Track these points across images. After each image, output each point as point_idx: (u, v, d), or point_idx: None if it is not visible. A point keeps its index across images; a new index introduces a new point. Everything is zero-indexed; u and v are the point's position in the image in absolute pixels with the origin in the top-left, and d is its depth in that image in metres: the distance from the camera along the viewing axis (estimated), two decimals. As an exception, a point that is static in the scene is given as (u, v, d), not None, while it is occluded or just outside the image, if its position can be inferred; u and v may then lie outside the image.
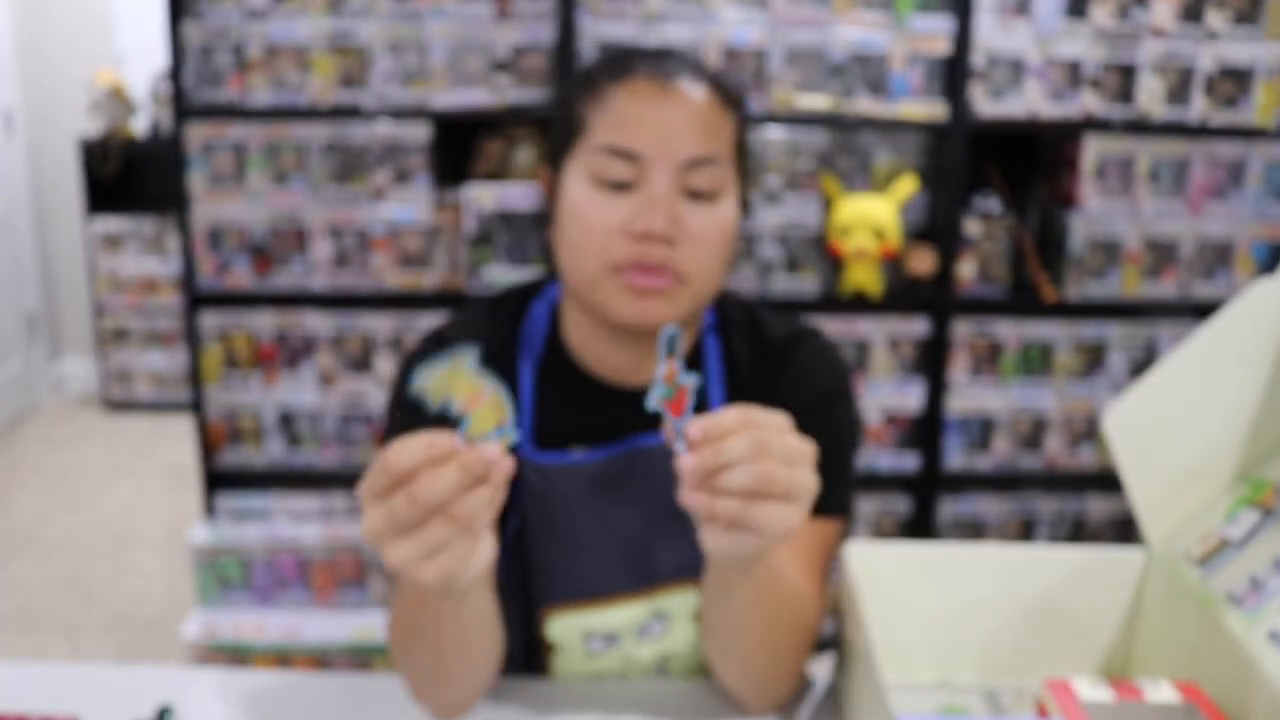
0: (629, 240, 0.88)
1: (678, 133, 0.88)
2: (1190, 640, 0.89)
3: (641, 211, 0.87)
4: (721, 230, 0.91)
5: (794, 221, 2.16)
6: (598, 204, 0.89)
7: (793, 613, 0.89)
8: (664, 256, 0.88)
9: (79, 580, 2.74)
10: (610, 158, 0.88)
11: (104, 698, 0.94)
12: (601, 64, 0.94)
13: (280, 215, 2.14)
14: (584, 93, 0.92)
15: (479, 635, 0.85)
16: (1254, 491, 0.92)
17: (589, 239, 0.89)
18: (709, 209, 0.90)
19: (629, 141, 0.88)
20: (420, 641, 0.86)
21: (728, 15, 2.08)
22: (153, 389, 4.06)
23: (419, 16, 2.07)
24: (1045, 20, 2.09)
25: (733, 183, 0.93)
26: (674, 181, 0.88)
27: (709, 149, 0.89)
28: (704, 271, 0.90)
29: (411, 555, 0.66)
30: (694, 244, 0.89)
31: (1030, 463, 2.28)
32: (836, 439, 0.99)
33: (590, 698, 0.97)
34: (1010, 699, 0.97)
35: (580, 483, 0.97)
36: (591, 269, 0.90)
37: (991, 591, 0.98)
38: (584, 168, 0.90)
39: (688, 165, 0.88)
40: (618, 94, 0.89)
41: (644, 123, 0.88)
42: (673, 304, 0.90)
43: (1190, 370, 0.92)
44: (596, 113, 0.90)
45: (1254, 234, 2.19)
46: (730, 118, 0.92)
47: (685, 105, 0.89)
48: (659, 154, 0.88)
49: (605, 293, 0.90)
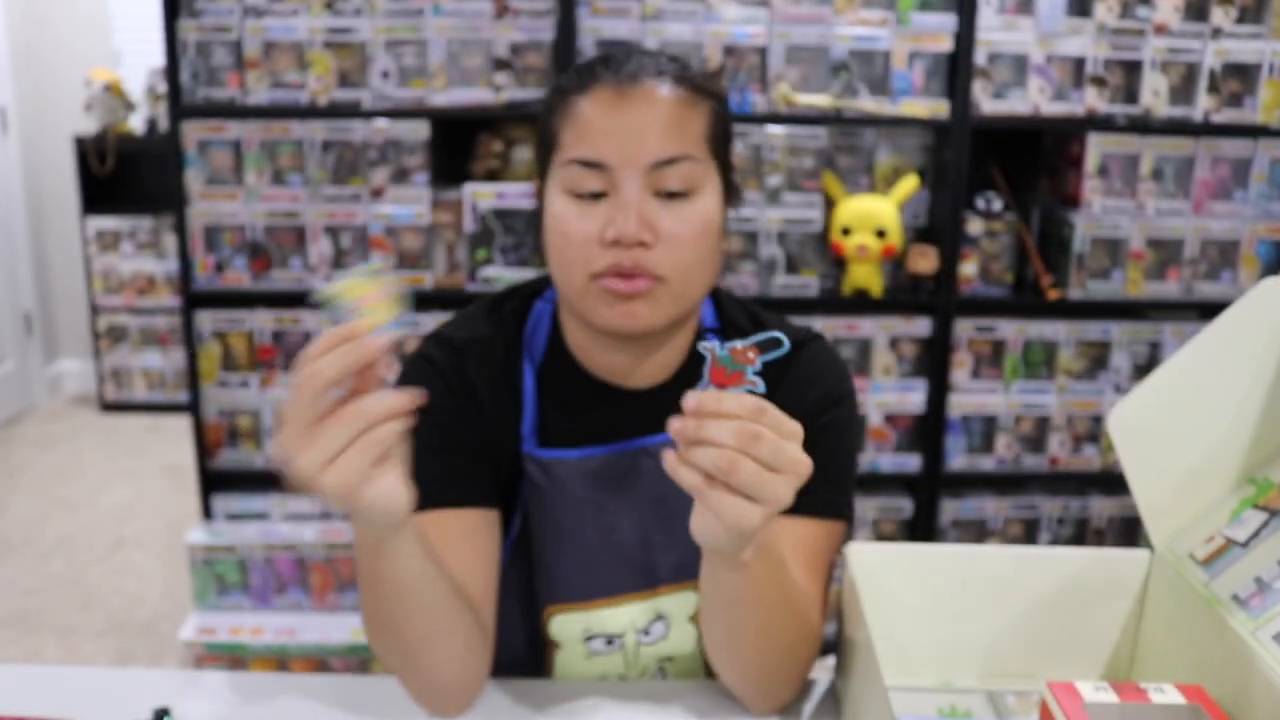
0: (605, 249, 0.89)
1: (640, 137, 0.88)
2: (1195, 642, 0.88)
3: (614, 219, 0.88)
4: (698, 227, 0.91)
5: (795, 220, 2.15)
6: (574, 216, 0.90)
7: (794, 612, 0.89)
8: (639, 260, 0.88)
9: (75, 582, 2.73)
10: (580, 170, 0.89)
11: (100, 700, 0.94)
12: (568, 75, 0.94)
13: (278, 214, 2.13)
14: (555, 106, 0.93)
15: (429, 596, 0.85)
16: (1260, 492, 0.92)
17: (569, 251, 0.90)
18: (683, 207, 0.90)
19: (594, 153, 0.89)
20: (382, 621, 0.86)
21: (728, 13, 2.07)
22: (149, 389, 4.06)
23: (418, 14, 2.06)
24: (1048, 17, 2.08)
25: (711, 176, 0.92)
26: (643, 185, 0.89)
27: (676, 148, 0.89)
28: (682, 271, 0.90)
29: (311, 458, 0.69)
30: (668, 244, 0.89)
31: (1033, 463, 2.27)
32: (838, 443, 0.99)
33: (591, 698, 0.97)
34: (1013, 701, 0.97)
35: (581, 479, 0.97)
36: (575, 279, 0.91)
37: (994, 593, 0.98)
38: (559, 181, 0.91)
39: (655, 167, 0.88)
40: (582, 105, 0.90)
41: (607, 132, 0.88)
42: (654, 305, 0.91)
43: (1195, 370, 0.91)
44: (565, 126, 0.91)
45: (1259, 233, 2.18)
46: (702, 110, 0.92)
47: (647, 108, 0.89)
48: (624, 160, 0.88)
49: (589, 301, 0.91)
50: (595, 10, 2.05)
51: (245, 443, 2.24)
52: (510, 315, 1.02)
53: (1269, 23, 2.11)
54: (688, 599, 1.00)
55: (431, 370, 0.97)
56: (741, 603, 0.84)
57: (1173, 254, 2.20)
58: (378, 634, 0.88)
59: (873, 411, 2.24)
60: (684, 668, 1.04)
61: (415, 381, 0.97)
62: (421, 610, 0.84)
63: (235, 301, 2.21)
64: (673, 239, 0.89)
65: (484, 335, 1.00)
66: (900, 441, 2.27)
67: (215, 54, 2.09)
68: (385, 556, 0.80)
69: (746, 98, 2.09)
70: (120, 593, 2.67)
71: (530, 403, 0.99)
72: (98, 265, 3.92)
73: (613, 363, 0.99)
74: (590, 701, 0.96)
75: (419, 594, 0.83)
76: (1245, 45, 2.11)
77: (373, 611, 0.86)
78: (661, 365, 0.99)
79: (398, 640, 0.87)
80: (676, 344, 0.99)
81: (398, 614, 0.84)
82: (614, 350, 0.97)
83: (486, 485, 0.97)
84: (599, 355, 0.99)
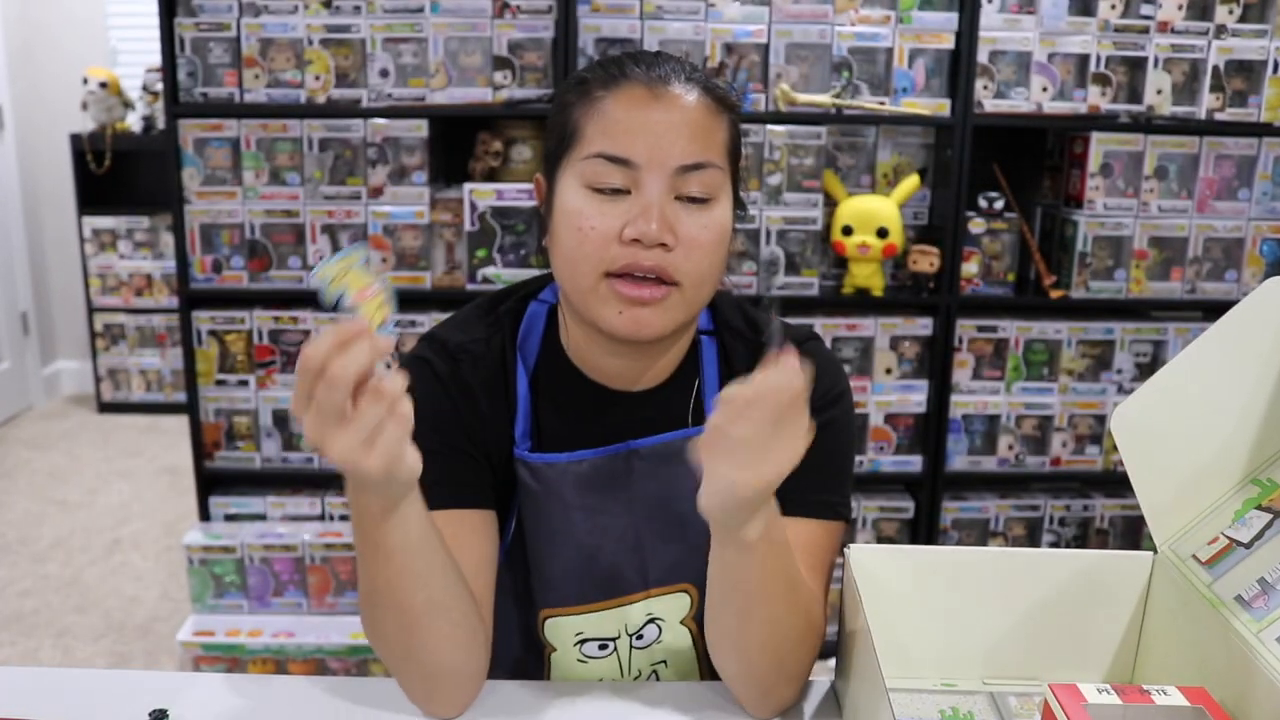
0: (623, 247, 0.88)
1: (671, 139, 0.88)
2: (1198, 644, 0.87)
3: (635, 218, 0.88)
4: (715, 235, 0.91)
5: (796, 220, 2.14)
6: (592, 211, 0.89)
7: (800, 607, 0.89)
8: (658, 262, 0.88)
9: (72, 583, 2.73)
10: (604, 165, 0.89)
11: (97, 702, 0.93)
12: (594, 69, 0.94)
13: (276, 213, 2.13)
14: (577, 99, 0.92)
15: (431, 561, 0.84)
16: (1264, 493, 0.91)
17: (584, 246, 0.89)
18: (703, 213, 0.90)
19: (623, 148, 0.88)
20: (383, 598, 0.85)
21: (730, 11, 2.07)
22: (146, 389, 4.05)
23: (417, 12, 2.05)
24: (1051, 15, 2.08)
25: (727, 186, 0.93)
26: (667, 187, 0.89)
27: (702, 154, 0.89)
28: (697, 276, 0.90)
29: (352, 443, 0.71)
30: (688, 249, 0.89)
31: (1035, 463, 2.27)
32: (834, 444, 0.98)
33: (589, 698, 0.96)
34: (1015, 703, 0.96)
35: (573, 482, 0.97)
36: (586, 276, 0.90)
37: (996, 594, 0.97)
38: (578, 175, 0.90)
39: (681, 171, 0.89)
40: (610, 100, 0.90)
41: (637, 129, 0.88)
42: (666, 313, 0.90)
43: (1198, 370, 0.91)
44: (589, 119, 0.90)
45: (1263, 232, 2.17)
46: (723, 122, 0.92)
47: (678, 111, 0.89)
48: (652, 160, 0.88)
49: (596, 300, 0.90)
50: (595, 8, 2.05)
51: (243, 443, 2.24)
52: (505, 317, 1.01)
53: (1273, 20, 2.11)
54: (680, 600, 1.00)
55: (429, 372, 0.97)
56: (748, 589, 0.84)
57: (1176, 253, 2.19)
58: (377, 615, 0.87)
59: (874, 412, 2.23)
60: (678, 672, 1.03)
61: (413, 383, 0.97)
62: (423, 578, 0.84)
63: (233, 301, 2.20)
64: (692, 244, 0.89)
65: (479, 338, 0.99)
66: (902, 442, 2.26)
67: (213, 52, 2.08)
68: (395, 522, 0.80)
69: (747, 97, 2.08)
70: (117, 594, 2.66)
71: (523, 406, 0.98)
72: (95, 265, 3.91)
73: (611, 366, 0.98)
74: (588, 702, 0.96)
75: (423, 559, 0.83)
76: (1249, 43, 2.10)
77: (372, 590, 0.85)
78: (659, 369, 0.99)
79: (396, 617, 0.86)
80: (675, 348, 0.99)
81: (399, 585, 0.83)
82: (614, 354, 0.97)
83: (484, 487, 0.96)
84: (597, 358, 0.98)
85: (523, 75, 2.08)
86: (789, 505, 0.92)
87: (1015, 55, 2.10)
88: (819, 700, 0.97)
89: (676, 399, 1.00)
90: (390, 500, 0.79)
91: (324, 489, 2.32)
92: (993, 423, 2.25)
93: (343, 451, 0.71)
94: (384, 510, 0.79)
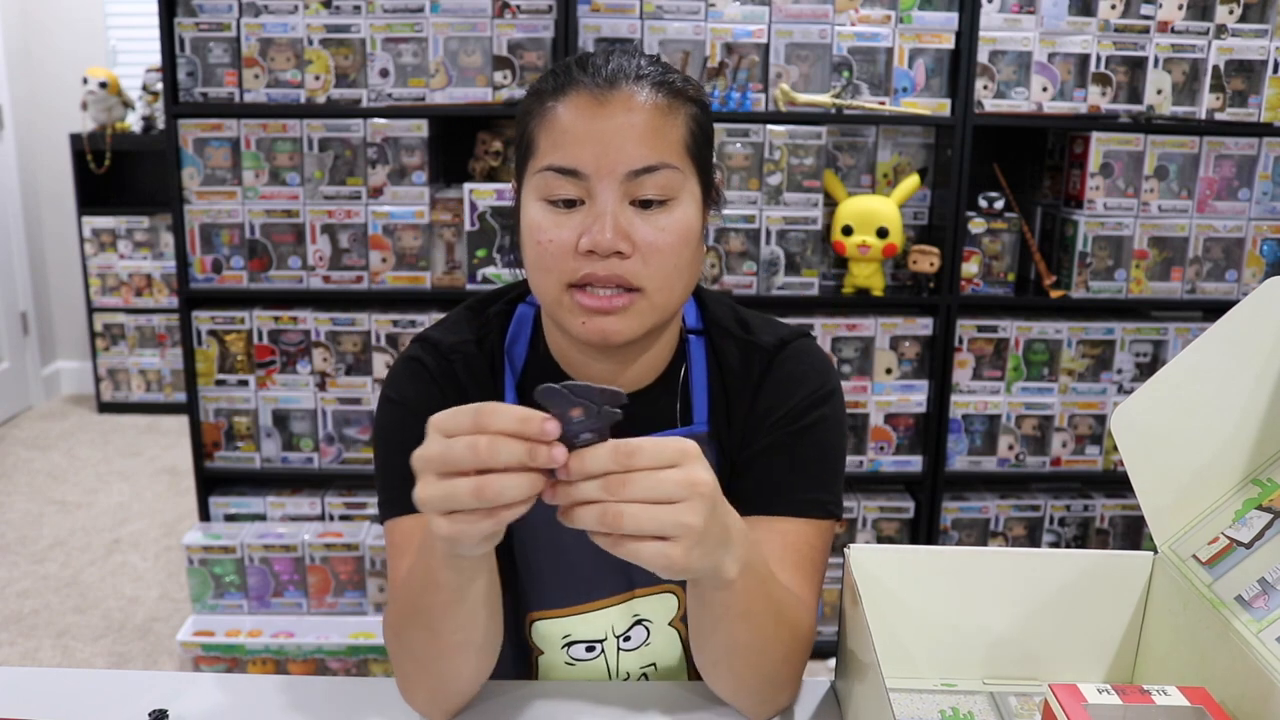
0: (580, 258, 0.87)
1: (618, 144, 0.86)
2: (1199, 644, 0.87)
3: (589, 228, 0.87)
4: (675, 237, 0.89)
5: (796, 220, 2.14)
6: (549, 224, 0.88)
7: (785, 621, 0.88)
8: (615, 271, 0.87)
9: (71, 583, 2.73)
10: (555, 177, 0.87)
11: (97, 703, 0.93)
12: (547, 77, 0.92)
13: (275, 213, 2.13)
14: (532, 108, 0.91)
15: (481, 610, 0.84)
16: (1264, 493, 0.91)
17: (544, 259, 0.89)
18: (661, 216, 0.88)
19: (571, 159, 0.87)
20: (422, 622, 0.84)
21: (730, 11, 2.07)
22: (146, 389, 4.05)
23: (417, 12, 2.05)
24: (1051, 15, 2.08)
25: (689, 183, 0.91)
26: (620, 194, 0.87)
27: (654, 157, 0.87)
28: (661, 280, 0.89)
29: (433, 503, 0.68)
30: (646, 255, 0.87)
31: (1035, 463, 2.26)
32: (824, 442, 0.98)
33: (582, 699, 0.96)
34: (1015, 703, 0.96)
35: None
36: (550, 289, 0.90)
37: (996, 594, 0.97)
38: (535, 188, 0.90)
39: (632, 176, 0.87)
40: (560, 109, 0.88)
41: (584, 138, 0.86)
42: (632, 319, 0.89)
43: (1199, 370, 0.90)
44: (542, 130, 0.89)
45: (1263, 232, 2.17)
46: (681, 116, 0.90)
47: (626, 114, 0.87)
48: (601, 169, 0.86)
49: (564, 312, 0.90)
50: (595, 8, 2.04)
51: (243, 443, 2.23)
52: (494, 319, 1.01)
53: (1273, 20, 2.10)
54: (666, 601, 0.99)
55: (423, 373, 0.97)
56: (732, 619, 0.82)
57: (1176, 253, 2.19)
58: (407, 625, 0.86)
59: (874, 412, 2.23)
60: (667, 675, 1.03)
61: (406, 383, 0.97)
62: (466, 618, 0.83)
63: (233, 301, 2.20)
64: (650, 249, 0.87)
65: (469, 339, 0.99)
66: (902, 442, 2.26)
67: (212, 52, 2.08)
68: (461, 569, 0.79)
69: (747, 96, 2.08)
70: (117, 594, 2.66)
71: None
72: (94, 264, 3.91)
73: (594, 369, 0.98)
74: (577, 703, 0.96)
75: (471, 602, 0.82)
76: (1249, 43, 2.10)
77: (413, 611, 0.84)
78: (645, 369, 0.98)
79: (428, 638, 0.85)
80: (659, 348, 0.98)
81: (440, 615, 0.82)
82: (594, 358, 0.97)
83: None
84: (578, 361, 0.98)
85: (523, 75, 2.08)
86: (779, 504, 0.92)
87: (1015, 55, 2.10)
88: (819, 700, 0.97)
89: (664, 399, 1.00)
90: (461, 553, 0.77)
91: (324, 489, 2.32)
92: (993, 423, 2.25)
93: (424, 501, 0.69)
94: (455, 557, 0.78)
